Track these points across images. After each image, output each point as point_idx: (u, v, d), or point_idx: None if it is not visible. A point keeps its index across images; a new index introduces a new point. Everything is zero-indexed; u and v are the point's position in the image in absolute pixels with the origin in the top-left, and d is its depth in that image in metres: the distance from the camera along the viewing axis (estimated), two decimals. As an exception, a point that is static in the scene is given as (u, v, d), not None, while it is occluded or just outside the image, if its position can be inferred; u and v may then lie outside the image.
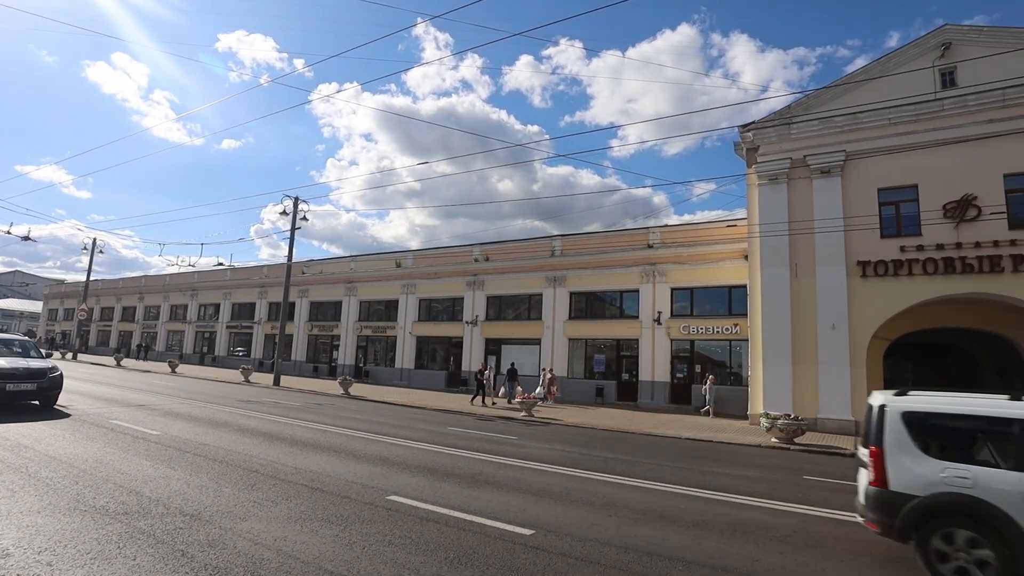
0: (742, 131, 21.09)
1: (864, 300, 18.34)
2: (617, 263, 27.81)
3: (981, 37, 17.93)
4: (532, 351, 29.75)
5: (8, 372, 12.39)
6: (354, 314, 38.47)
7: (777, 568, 5.47)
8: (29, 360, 13.50)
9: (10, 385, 12.27)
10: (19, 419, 11.47)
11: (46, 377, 13.01)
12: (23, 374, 12.60)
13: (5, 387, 12.16)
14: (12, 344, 14.62)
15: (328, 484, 7.71)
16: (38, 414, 12.42)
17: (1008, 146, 16.96)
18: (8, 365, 12.57)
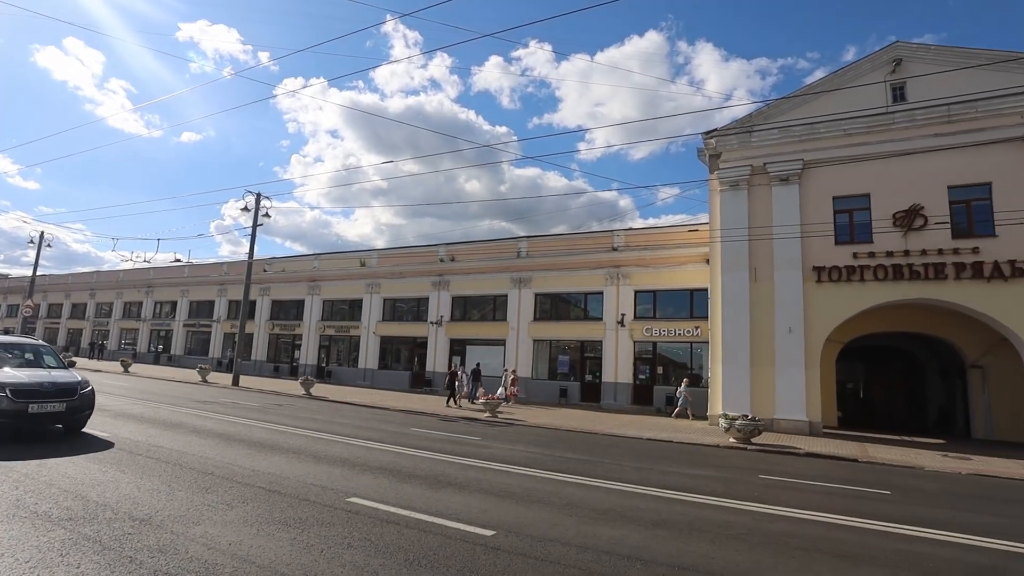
0: (705, 138, 21.54)
1: (819, 304, 18.95)
2: (582, 265, 28.06)
3: (929, 55, 18.74)
4: (497, 352, 29.77)
5: (31, 389, 9.45)
6: (317, 313, 37.83)
7: (732, 565, 5.60)
8: (52, 372, 10.66)
9: (34, 406, 9.35)
10: None
11: (77, 394, 10.04)
12: (50, 390, 9.68)
13: (27, 408, 9.27)
14: (21, 349, 11.30)
15: (286, 486, 7.56)
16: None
17: (952, 160, 17.76)
18: (30, 380, 9.70)
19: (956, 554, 6.49)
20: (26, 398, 9.30)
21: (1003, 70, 17.42)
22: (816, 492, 9.72)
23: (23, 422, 9.33)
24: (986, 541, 7.04)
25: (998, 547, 6.84)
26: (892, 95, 18.99)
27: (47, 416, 9.63)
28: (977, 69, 17.49)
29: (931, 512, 8.65)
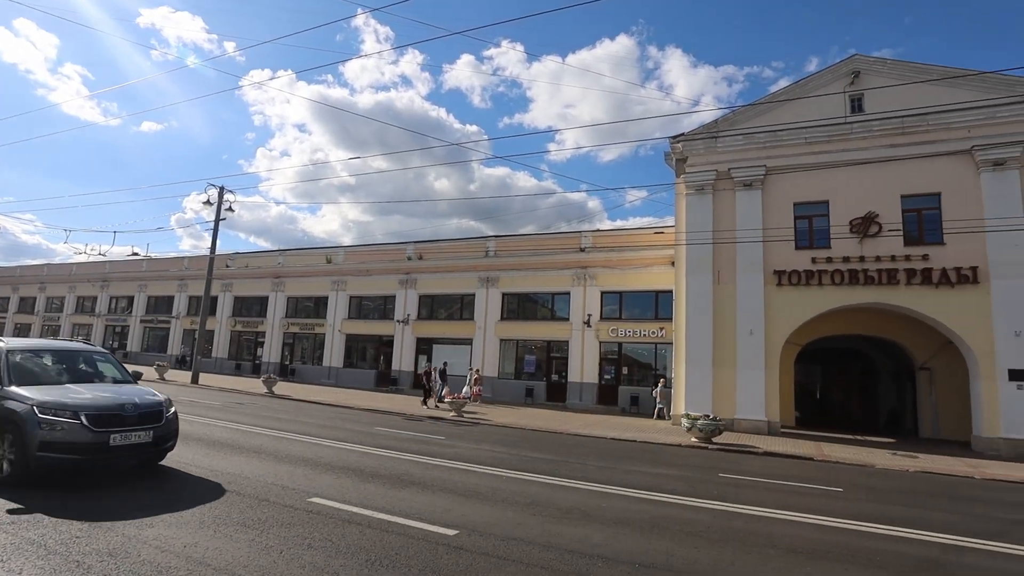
0: (672, 142, 21.89)
1: (779, 307, 19.46)
2: (549, 265, 28.21)
3: (885, 68, 19.42)
4: (464, 351, 29.71)
5: (111, 413, 7.09)
6: (281, 310, 37.14)
7: (691, 562, 5.72)
8: (122, 388, 8.12)
9: (116, 437, 6.98)
10: None
11: (163, 419, 7.71)
12: (133, 414, 7.27)
13: (108, 440, 6.90)
14: (73, 357, 8.63)
15: (245, 486, 7.41)
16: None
17: (905, 169, 18.45)
18: (108, 401, 7.27)
19: (903, 548, 6.76)
20: (106, 426, 6.92)
21: (952, 86, 18.17)
22: (773, 490, 9.99)
23: (102, 458, 7.01)
24: (930, 535, 7.35)
25: (941, 540, 7.15)
26: (851, 106, 19.62)
27: (132, 449, 7.21)
28: (928, 84, 18.21)
29: (881, 508, 8.98)
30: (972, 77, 18.15)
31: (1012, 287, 16.98)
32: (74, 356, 8.68)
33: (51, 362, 8.32)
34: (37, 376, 7.78)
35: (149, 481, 7.45)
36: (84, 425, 6.76)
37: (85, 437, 6.73)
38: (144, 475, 7.73)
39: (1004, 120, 17.71)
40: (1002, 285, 17.09)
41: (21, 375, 7.56)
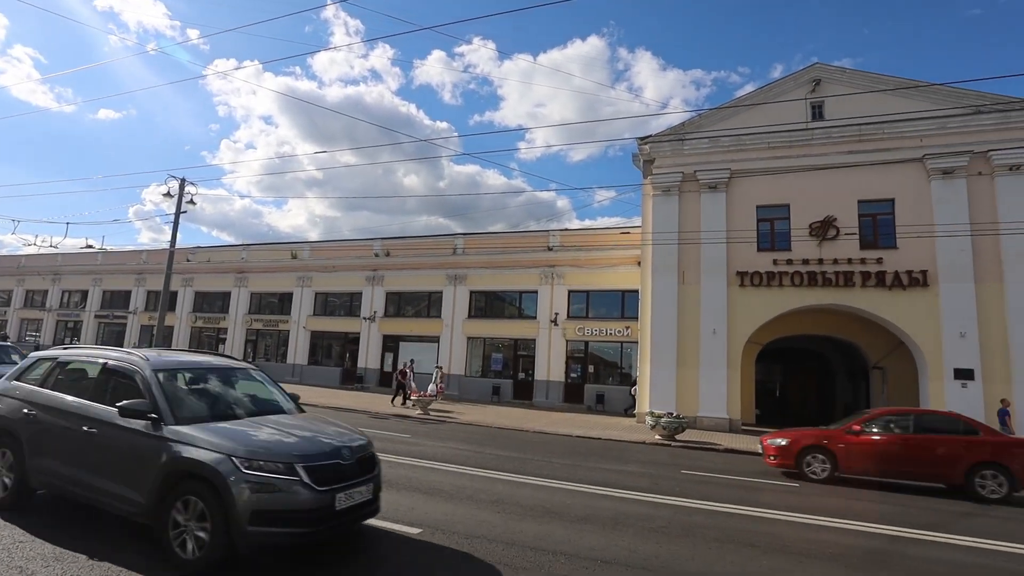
0: (640, 143, 22.17)
1: (741, 308, 19.92)
2: (517, 264, 28.28)
3: (844, 77, 20.05)
4: (431, 349, 29.56)
5: (330, 462, 5.04)
6: (244, 306, 36.34)
7: (652, 557, 5.83)
8: (308, 424, 5.81)
9: (342, 497, 4.96)
10: None
11: (377, 467, 5.77)
12: (350, 462, 5.22)
13: (334, 502, 4.87)
14: (231, 379, 6.27)
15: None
16: None
17: (862, 176, 19.09)
18: (321, 445, 5.18)
19: (853, 540, 7.02)
20: (329, 483, 4.90)
21: (906, 96, 18.86)
22: (733, 486, 10.24)
23: (328, 528, 4.90)
24: (879, 528, 7.66)
25: (888, 533, 7.45)
26: (812, 112, 20.19)
27: (356, 512, 5.23)
28: (884, 94, 18.89)
29: (834, 503, 9.30)
30: (924, 88, 18.88)
31: (958, 290, 17.75)
32: (231, 375, 6.34)
33: (215, 386, 6.06)
34: (206, 410, 5.53)
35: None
36: (305, 483, 4.71)
37: (309, 500, 4.70)
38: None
39: (953, 131, 18.48)
40: (949, 288, 17.85)
41: (186, 408, 5.35)
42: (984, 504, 10.06)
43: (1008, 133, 18.03)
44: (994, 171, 18.01)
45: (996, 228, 17.56)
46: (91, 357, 6.19)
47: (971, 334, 17.50)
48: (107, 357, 5.96)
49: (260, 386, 6.52)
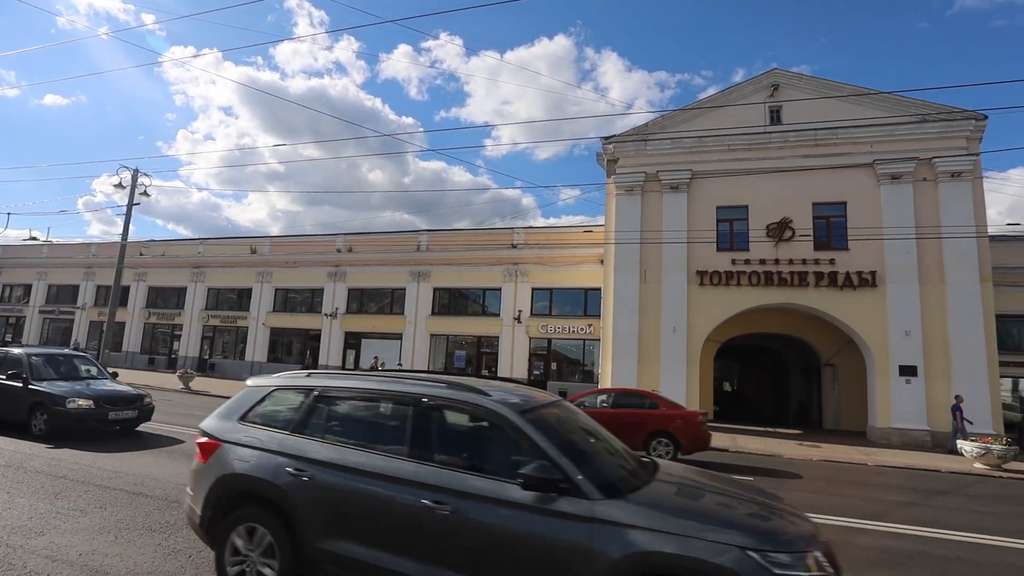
0: (604, 143, 22.42)
1: (701, 306, 20.36)
2: (482, 261, 28.28)
3: (801, 83, 20.68)
4: (393, 346, 29.32)
5: None
6: (200, 302, 35.32)
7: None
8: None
9: None
10: None
11: None
12: None
13: None
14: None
15: (154, 488, 7.03)
16: None
17: (817, 179, 19.74)
18: None
19: (802, 532, 7.25)
20: None
21: (858, 103, 19.59)
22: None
23: None
24: (829, 518, 7.95)
25: (837, 523, 7.75)
26: (770, 116, 20.76)
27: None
28: (838, 100, 19.55)
29: (786, 495, 9.48)
30: (875, 96, 19.62)
31: (904, 291, 18.54)
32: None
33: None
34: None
35: (51, 489, 6.94)
36: None
37: None
38: (40, 479, 7.20)
39: (901, 138, 19.27)
40: (896, 289, 18.63)
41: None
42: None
43: (950, 142, 18.92)
44: (937, 177, 18.86)
45: (939, 232, 18.40)
46: (386, 387, 4.25)
47: (915, 332, 18.30)
48: (420, 390, 4.08)
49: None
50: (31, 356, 11.20)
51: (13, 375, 10.79)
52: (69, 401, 10.10)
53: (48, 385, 10.59)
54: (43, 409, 10.17)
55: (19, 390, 10.54)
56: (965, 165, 18.62)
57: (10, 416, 10.53)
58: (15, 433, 10.17)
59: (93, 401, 10.33)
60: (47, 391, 10.35)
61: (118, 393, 11.03)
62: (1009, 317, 20.81)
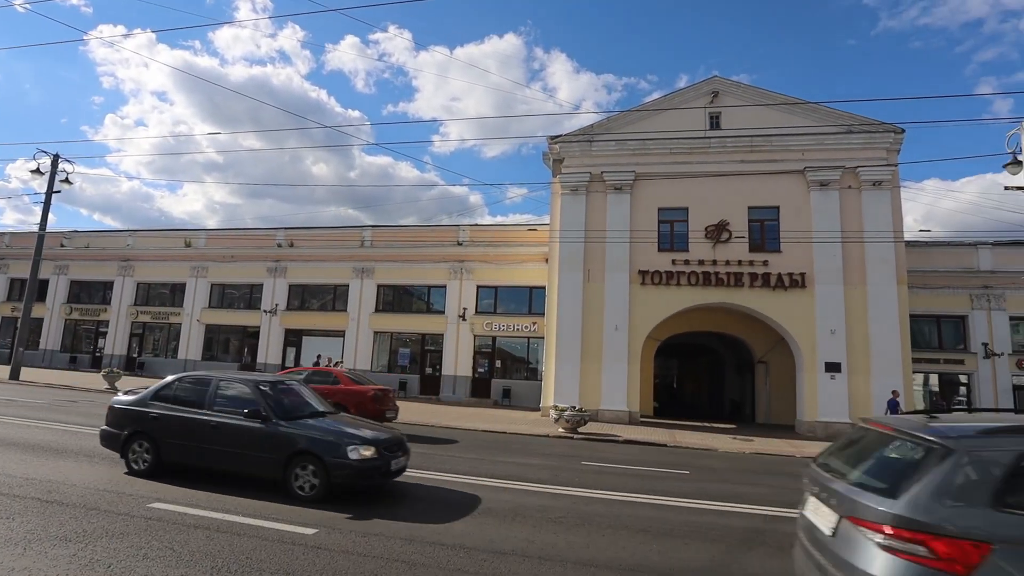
0: (551, 142, 22.62)
1: (642, 305, 20.86)
2: (427, 258, 28.05)
3: (740, 91, 21.49)
4: (335, 343, 28.68)
5: None
6: (129, 297, 33.48)
7: (549, 546, 5.99)
8: None
9: None
10: None
11: None
12: None
13: None
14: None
15: (71, 495, 6.61)
16: None
17: (752, 183, 20.56)
18: None
19: (735, 521, 7.57)
20: None
21: (791, 112, 20.52)
22: (629, 475, 10.72)
23: None
24: (758, 508, 8.31)
25: (765, 513, 8.10)
26: (710, 122, 21.46)
27: None
28: (773, 109, 20.44)
29: (719, 487, 9.98)
30: (806, 106, 20.62)
31: (830, 292, 19.58)
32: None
33: None
34: None
35: (-53, 492, 6.43)
36: None
37: None
38: (-60, 486, 6.67)
39: (829, 147, 20.32)
40: (823, 290, 19.65)
41: None
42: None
43: (872, 152, 20.09)
44: (861, 185, 20.00)
45: (861, 237, 19.52)
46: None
47: (840, 331, 19.36)
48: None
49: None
50: (261, 386, 8.15)
51: (250, 413, 7.66)
52: (351, 449, 7.27)
53: (303, 427, 7.66)
54: (312, 461, 7.28)
55: (263, 434, 7.53)
56: (885, 175, 19.81)
57: (252, 470, 7.66)
58: (268, 494, 7.25)
59: (375, 448, 7.50)
60: (313, 436, 7.47)
61: (391, 436, 8.21)
62: (921, 317, 22.35)
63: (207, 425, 7.77)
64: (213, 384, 8.24)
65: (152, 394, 8.35)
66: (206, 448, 7.72)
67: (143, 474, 7.80)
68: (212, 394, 8.11)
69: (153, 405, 8.18)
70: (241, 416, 7.65)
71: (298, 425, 7.66)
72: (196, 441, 7.79)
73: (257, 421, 7.57)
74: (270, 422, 7.56)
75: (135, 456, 7.99)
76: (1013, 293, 21.76)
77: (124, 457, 8.04)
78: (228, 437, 7.63)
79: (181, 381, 8.56)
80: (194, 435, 7.81)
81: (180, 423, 7.92)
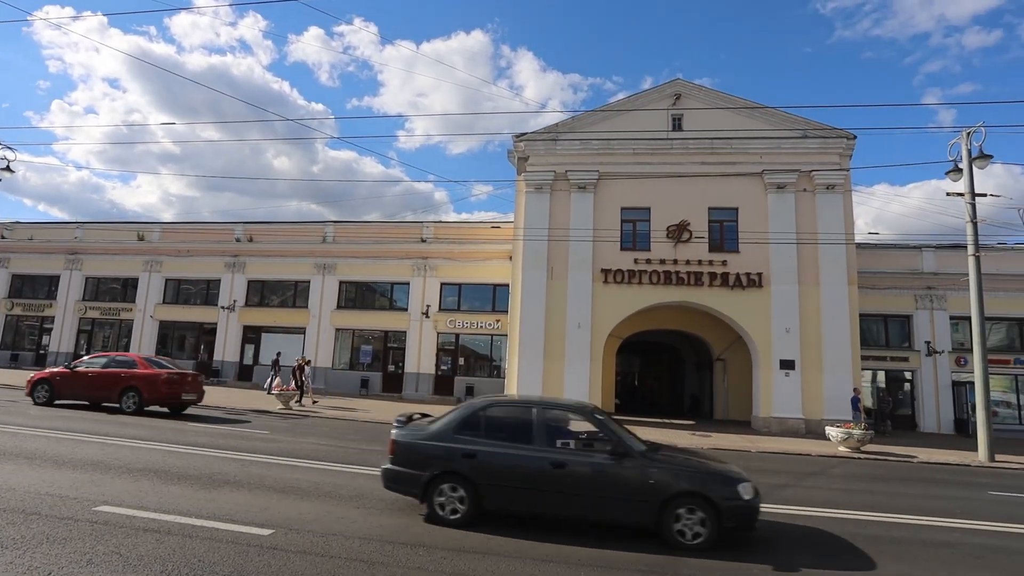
0: (516, 140, 22.66)
1: (604, 303, 21.12)
2: (390, 254, 27.78)
3: (701, 94, 21.92)
4: (296, 340, 28.16)
5: None
6: (77, 292, 32.16)
7: (510, 543, 6.02)
8: None
9: None
10: None
11: None
12: None
13: None
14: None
15: (9, 500, 6.32)
16: None
17: (713, 185, 21.01)
18: None
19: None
20: None
21: (750, 116, 21.06)
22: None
23: None
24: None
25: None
26: (672, 123, 21.84)
27: None
28: (733, 112, 20.93)
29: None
30: (764, 110, 21.18)
31: (785, 291, 20.20)
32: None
33: None
34: None
35: None
36: None
37: None
38: None
39: (786, 151, 20.94)
40: (779, 289, 20.25)
41: None
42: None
43: (826, 157, 20.80)
44: (815, 189, 20.67)
45: (815, 238, 20.18)
46: None
47: (794, 330, 20.00)
48: None
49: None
50: (598, 415, 7.10)
51: (613, 451, 6.45)
52: (743, 488, 6.22)
53: (674, 463, 6.62)
54: (699, 503, 6.12)
55: (630, 473, 6.32)
56: (838, 179, 20.52)
57: (615, 516, 6.39)
58: (643, 544, 6.13)
59: (753, 488, 6.41)
60: (697, 473, 6.42)
61: None
62: (870, 316, 23.26)
63: (545, 464, 6.41)
64: (535, 412, 6.90)
65: (457, 425, 6.85)
66: (545, 492, 6.39)
67: (458, 524, 6.38)
68: (540, 425, 6.74)
69: (461, 439, 6.70)
70: (590, 452, 6.59)
71: (668, 461, 6.60)
72: (531, 484, 6.44)
73: (616, 458, 6.37)
74: (636, 458, 6.40)
75: (443, 501, 6.51)
76: (954, 294, 22.79)
77: (427, 503, 6.59)
78: (578, 478, 6.37)
79: (491, 408, 7.19)
80: (529, 477, 6.45)
81: (507, 462, 6.54)
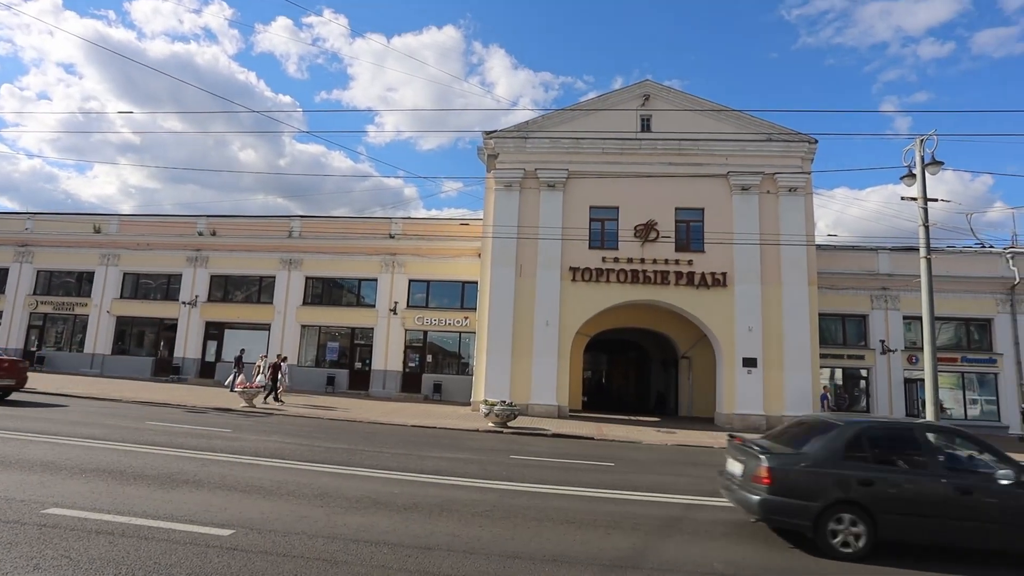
0: (486, 137, 22.58)
1: (572, 301, 21.24)
2: (358, 250, 27.41)
3: (670, 96, 22.20)
4: (260, 337, 27.56)
5: None
6: (27, 285, 30.82)
7: (474, 540, 6.03)
8: None
9: None
10: None
11: None
12: None
13: None
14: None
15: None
16: None
17: (680, 186, 21.32)
18: None
19: (654, 511, 7.87)
20: None
21: (716, 118, 21.43)
22: (556, 468, 10.93)
23: None
24: (677, 498, 8.68)
25: (683, 501, 8.48)
26: (641, 124, 22.06)
27: None
28: (700, 114, 21.26)
29: (642, 478, 10.34)
30: (730, 113, 21.58)
31: (749, 291, 20.63)
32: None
33: None
34: None
35: None
36: None
37: None
38: None
39: (751, 154, 21.37)
40: (743, 289, 20.68)
41: None
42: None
43: (788, 160, 21.31)
44: (778, 191, 21.16)
45: (777, 239, 20.66)
46: None
47: (756, 328, 20.44)
48: None
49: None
50: (969, 436, 7.21)
51: (996, 470, 6.54)
52: None
53: None
54: None
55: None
56: (799, 182, 21.05)
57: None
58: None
59: None
60: None
61: None
62: (828, 316, 23.94)
63: (947, 491, 6.30)
64: (921, 436, 6.90)
65: (842, 451, 6.62)
66: (946, 520, 6.25)
67: (854, 557, 6.16)
68: (931, 450, 6.70)
69: (851, 466, 6.50)
70: (989, 476, 6.46)
71: None
72: (930, 512, 6.27)
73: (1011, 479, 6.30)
74: None
75: (840, 532, 6.28)
76: (907, 295, 23.62)
77: (818, 535, 6.30)
78: (984, 507, 6.28)
79: (869, 432, 6.97)
80: (930, 505, 6.29)
81: (908, 490, 6.35)
